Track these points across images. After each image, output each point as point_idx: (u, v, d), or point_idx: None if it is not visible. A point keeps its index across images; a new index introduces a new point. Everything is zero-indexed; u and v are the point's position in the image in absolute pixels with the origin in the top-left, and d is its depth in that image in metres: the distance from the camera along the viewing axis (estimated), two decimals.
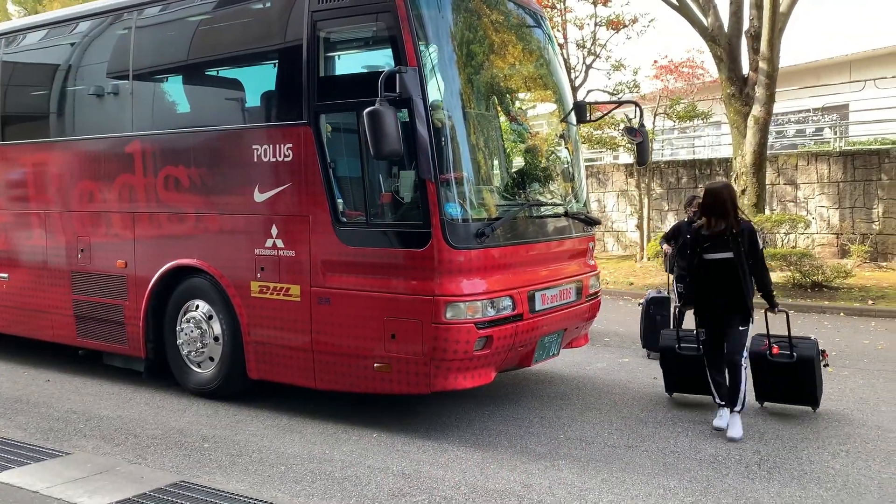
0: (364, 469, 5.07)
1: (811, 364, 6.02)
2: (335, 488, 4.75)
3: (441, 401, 6.50)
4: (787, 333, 6.20)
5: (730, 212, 5.77)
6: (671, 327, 6.97)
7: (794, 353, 6.04)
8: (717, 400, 5.98)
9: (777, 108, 15.90)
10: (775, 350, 6.09)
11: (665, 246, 8.58)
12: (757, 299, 5.90)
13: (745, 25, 15.12)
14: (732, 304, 5.78)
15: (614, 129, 17.80)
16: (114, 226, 7.29)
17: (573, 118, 7.14)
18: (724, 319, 5.86)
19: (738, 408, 5.79)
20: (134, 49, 7.17)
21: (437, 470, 5.06)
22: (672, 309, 6.71)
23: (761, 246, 5.84)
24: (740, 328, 5.80)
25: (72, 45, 7.90)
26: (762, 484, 4.83)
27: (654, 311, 8.44)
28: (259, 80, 6.53)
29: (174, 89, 7.29)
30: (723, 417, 5.84)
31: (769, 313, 6.08)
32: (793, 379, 6.09)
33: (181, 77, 7.18)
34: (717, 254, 5.78)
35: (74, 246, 7.59)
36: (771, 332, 6.35)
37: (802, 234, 16.22)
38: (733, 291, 5.75)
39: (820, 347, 6.16)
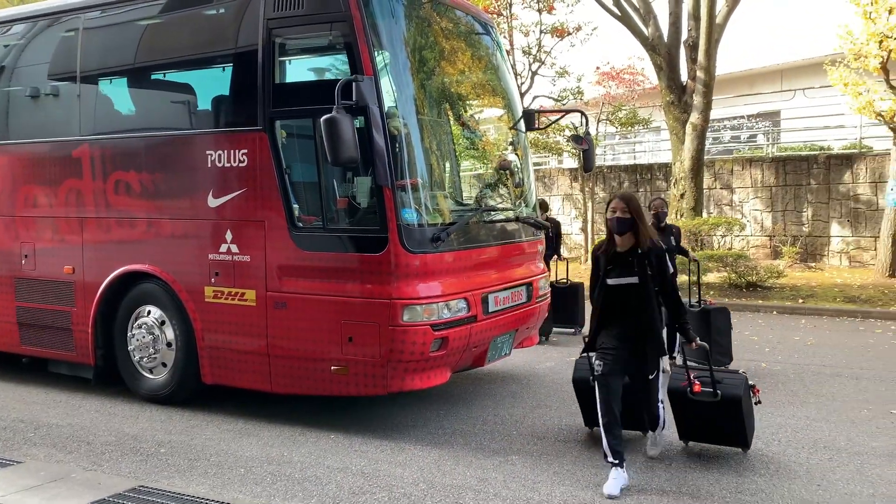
0: (324, 469, 5.16)
1: (737, 403, 5.17)
2: (296, 488, 4.83)
3: (397, 402, 6.63)
4: (722, 365, 6.17)
5: (640, 226, 4.88)
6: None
7: (719, 391, 5.18)
8: (610, 459, 4.80)
9: (713, 114, 16.50)
10: (696, 387, 5.22)
11: None
12: None
13: (684, 36, 15.65)
14: (639, 342, 4.91)
15: (559, 135, 18.17)
16: (60, 231, 7.19)
17: (522, 125, 7.36)
18: (629, 362, 4.94)
19: (657, 431, 5.35)
20: (82, 51, 7.10)
21: (396, 468, 5.18)
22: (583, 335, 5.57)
23: (671, 270, 5.04)
24: (650, 377, 5.01)
25: (17, 46, 7.76)
26: (702, 472, 5.10)
27: None
28: (214, 85, 6.54)
29: (127, 93, 7.23)
30: (615, 479, 4.74)
31: (686, 347, 5.36)
32: (718, 419, 5.28)
33: (134, 81, 7.12)
34: (620, 278, 4.88)
35: (17, 252, 7.45)
36: (695, 364, 5.79)
37: (738, 236, 16.86)
38: (639, 327, 4.88)
39: (750, 382, 5.38)
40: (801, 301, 12.74)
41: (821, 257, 16.21)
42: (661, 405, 5.28)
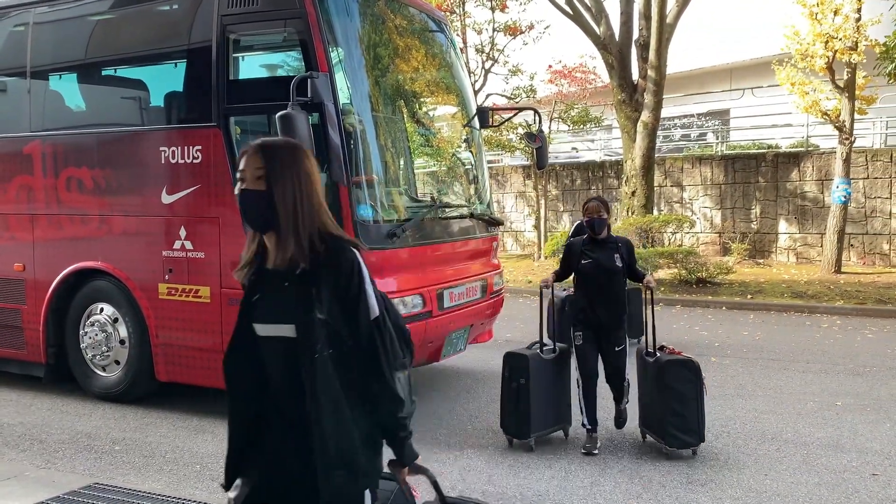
0: None
1: None
2: None
3: None
4: (689, 447, 5.26)
5: (285, 208, 2.18)
6: None
7: None
8: None
9: (664, 113, 16.82)
10: None
11: None
12: None
13: (635, 35, 15.91)
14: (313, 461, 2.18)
15: (513, 133, 18.35)
16: (11, 228, 7.07)
17: (476, 123, 7.45)
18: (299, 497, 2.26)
19: None
20: (32, 46, 6.99)
21: None
22: None
23: (378, 301, 2.26)
24: None
25: None
26: (653, 464, 5.24)
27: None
28: (168, 81, 6.50)
29: (78, 89, 7.12)
30: None
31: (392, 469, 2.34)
32: None
33: (86, 77, 7.03)
34: (272, 324, 2.27)
35: None
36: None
37: (688, 233, 17.22)
38: (311, 427, 2.18)
39: None
40: (749, 297, 13.07)
41: (769, 254, 16.66)
42: None
